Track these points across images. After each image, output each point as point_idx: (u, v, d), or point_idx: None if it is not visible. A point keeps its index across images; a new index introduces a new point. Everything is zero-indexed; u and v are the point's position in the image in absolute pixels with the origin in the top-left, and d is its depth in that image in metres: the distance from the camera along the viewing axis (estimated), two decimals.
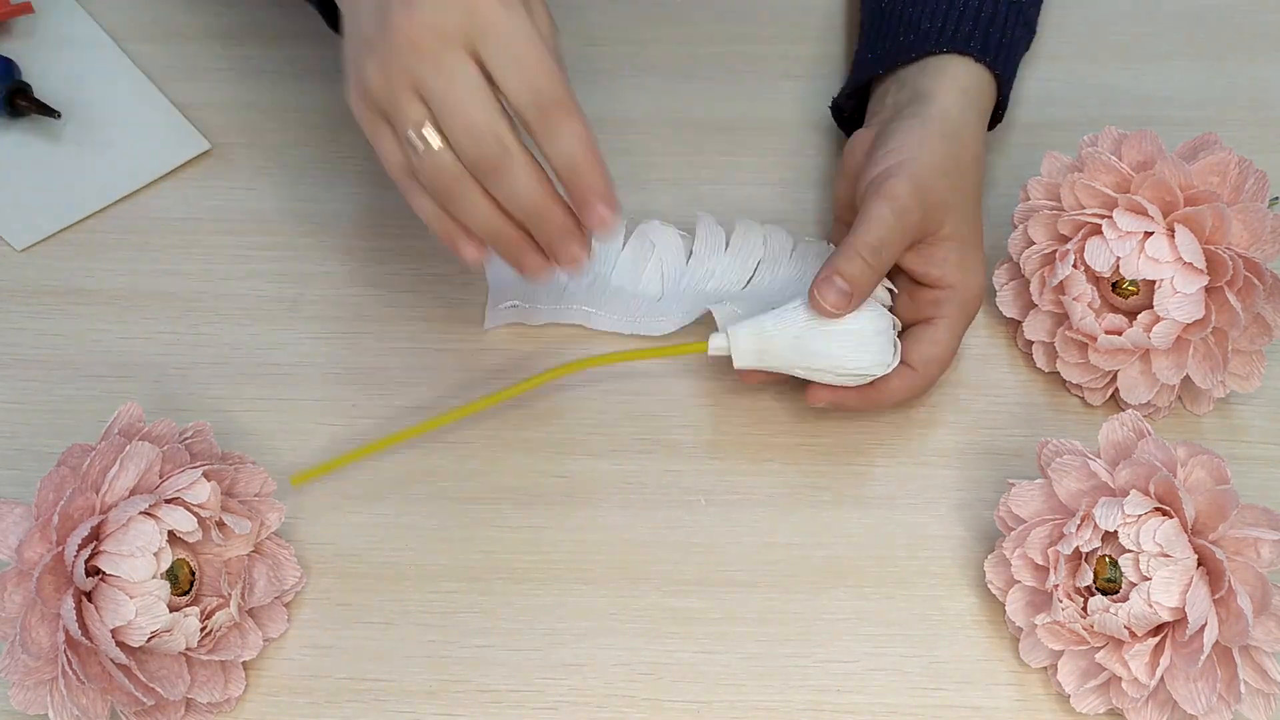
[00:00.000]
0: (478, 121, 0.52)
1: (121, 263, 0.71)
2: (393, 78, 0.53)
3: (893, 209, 0.60)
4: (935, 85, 0.66)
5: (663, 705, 0.59)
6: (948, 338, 0.63)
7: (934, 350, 0.63)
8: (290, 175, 0.74)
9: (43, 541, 0.54)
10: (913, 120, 0.64)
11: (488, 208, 0.55)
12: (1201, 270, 0.61)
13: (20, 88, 0.74)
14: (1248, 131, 0.75)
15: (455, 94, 0.52)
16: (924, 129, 0.63)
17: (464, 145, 0.53)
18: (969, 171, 0.64)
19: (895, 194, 0.61)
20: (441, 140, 0.53)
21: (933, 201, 0.62)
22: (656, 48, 0.79)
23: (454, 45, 0.52)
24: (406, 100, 0.53)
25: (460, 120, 0.52)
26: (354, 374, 0.68)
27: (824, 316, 0.60)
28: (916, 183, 0.61)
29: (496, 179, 0.53)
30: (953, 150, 0.63)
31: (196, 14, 0.80)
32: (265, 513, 0.60)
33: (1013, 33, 0.68)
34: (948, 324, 0.63)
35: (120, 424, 0.57)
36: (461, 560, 0.62)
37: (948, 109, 0.65)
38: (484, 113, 0.52)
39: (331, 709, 0.59)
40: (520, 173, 0.53)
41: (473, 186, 0.54)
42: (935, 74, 0.66)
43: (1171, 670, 0.55)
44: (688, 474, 0.65)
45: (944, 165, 0.62)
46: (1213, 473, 0.56)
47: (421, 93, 0.53)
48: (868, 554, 0.63)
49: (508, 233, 0.56)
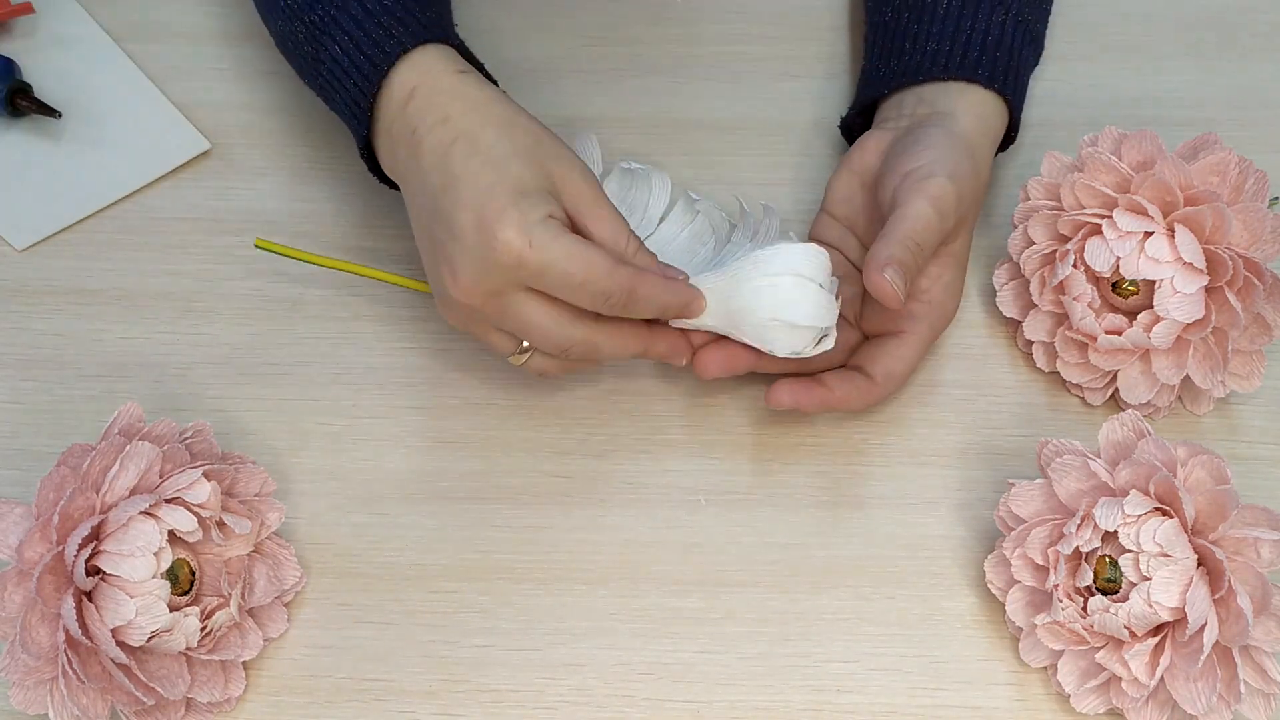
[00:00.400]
0: (561, 341, 0.58)
1: (121, 263, 0.71)
2: (472, 326, 0.60)
3: (937, 209, 0.60)
4: (956, 106, 0.65)
5: (663, 705, 0.59)
6: (914, 355, 0.63)
7: (899, 366, 0.63)
8: (290, 175, 0.74)
9: (43, 541, 0.54)
10: (940, 130, 0.63)
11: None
12: (1201, 270, 0.61)
13: (20, 88, 0.74)
14: (1248, 131, 0.75)
15: (531, 330, 0.58)
16: (953, 140, 0.63)
17: (558, 355, 0.60)
18: (980, 194, 0.64)
19: (939, 194, 0.60)
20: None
21: (958, 213, 0.61)
22: (656, 48, 0.79)
23: (510, 292, 0.57)
24: (493, 340, 0.60)
25: (546, 345, 0.59)
26: (354, 374, 0.68)
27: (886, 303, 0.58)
28: (957, 187, 0.61)
29: (596, 359, 0.60)
30: (972, 168, 0.63)
31: (196, 14, 0.80)
32: (265, 513, 0.60)
33: (1020, 53, 0.68)
34: (917, 340, 0.63)
35: (120, 424, 0.57)
36: (461, 560, 0.62)
37: (967, 131, 0.64)
38: (563, 332, 0.58)
39: (331, 709, 0.59)
40: (609, 347, 0.60)
41: (583, 364, 0.63)
42: (955, 95, 0.66)
43: (1171, 670, 0.55)
44: (688, 474, 0.65)
45: (968, 181, 0.62)
46: (1213, 473, 0.56)
47: (503, 329, 0.60)
48: (868, 554, 0.63)
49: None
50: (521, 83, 0.77)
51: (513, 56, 0.78)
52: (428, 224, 0.59)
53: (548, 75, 0.78)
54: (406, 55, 0.61)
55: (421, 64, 0.61)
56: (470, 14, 0.79)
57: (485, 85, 0.61)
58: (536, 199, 0.57)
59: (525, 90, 0.76)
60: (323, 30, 0.63)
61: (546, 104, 0.76)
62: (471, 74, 0.61)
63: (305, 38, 0.65)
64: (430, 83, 0.60)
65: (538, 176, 0.57)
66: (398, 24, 0.62)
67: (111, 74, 0.77)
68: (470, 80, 0.61)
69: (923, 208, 0.59)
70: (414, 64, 0.61)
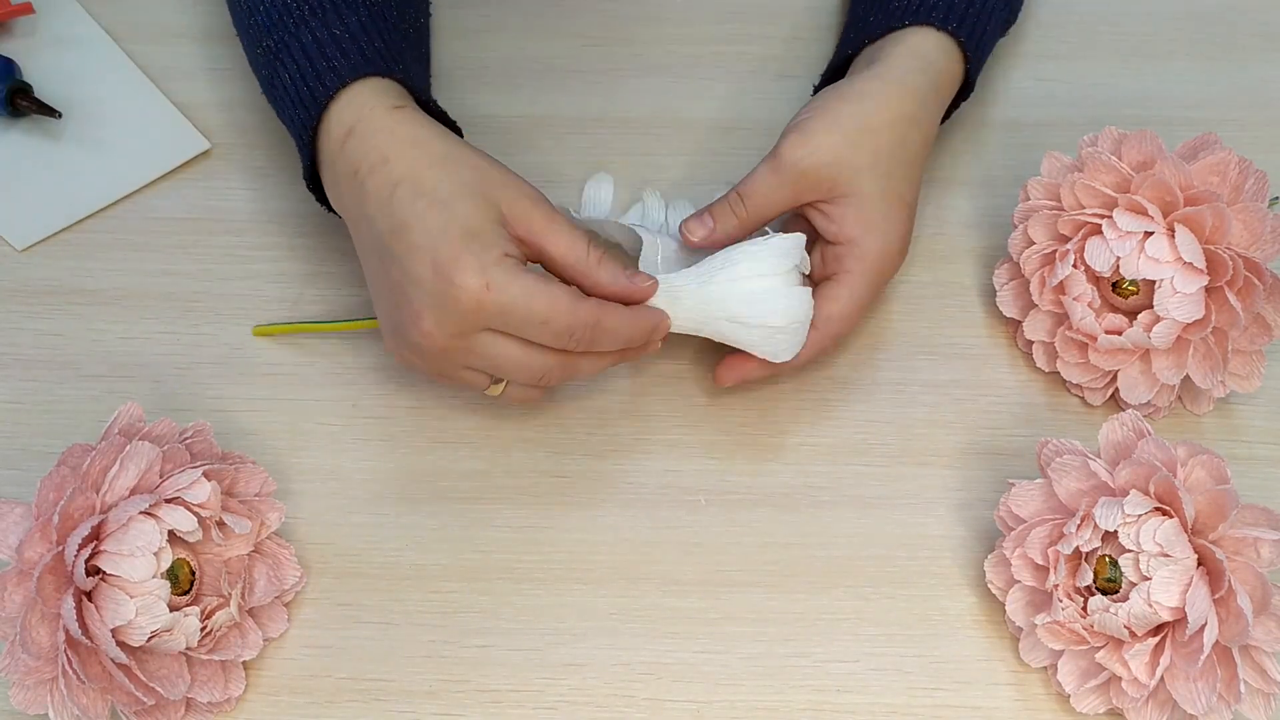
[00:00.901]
0: (537, 370, 0.59)
1: (121, 263, 0.71)
2: (441, 366, 0.59)
3: (768, 165, 0.63)
4: (888, 51, 0.66)
5: (663, 705, 0.59)
6: (847, 295, 0.63)
7: (833, 307, 0.63)
8: (290, 175, 0.74)
9: (43, 541, 0.54)
10: (839, 84, 0.65)
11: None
12: (1201, 270, 0.61)
13: (21, 88, 0.74)
14: (1248, 131, 0.75)
15: (502, 366, 0.59)
16: (839, 90, 0.64)
17: (535, 384, 0.60)
18: (882, 133, 0.63)
19: (776, 151, 0.63)
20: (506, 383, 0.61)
21: (822, 160, 0.62)
22: (656, 48, 0.79)
23: (474, 332, 0.57)
24: (465, 378, 0.60)
25: (521, 377, 0.59)
26: (354, 374, 0.68)
27: (691, 246, 0.63)
28: (809, 145, 0.62)
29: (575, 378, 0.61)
30: (864, 109, 0.63)
31: (196, 14, 0.80)
32: (265, 513, 0.60)
33: (985, 3, 0.69)
34: (850, 279, 0.63)
35: (120, 424, 0.57)
36: (461, 560, 0.62)
37: (887, 71, 0.65)
38: (532, 362, 0.58)
39: (331, 709, 0.59)
40: (587, 366, 0.60)
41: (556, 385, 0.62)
42: (893, 42, 0.67)
43: (1171, 670, 0.55)
44: (688, 474, 0.65)
45: (844, 124, 0.63)
46: (1213, 473, 0.56)
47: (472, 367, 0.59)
48: (868, 554, 0.63)
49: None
50: (522, 83, 0.77)
51: (513, 56, 0.78)
52: (380, 266, 0.59)
53: (548, 75, 0.78)
54: (345, 89, 0.61)
55: (358, 100, 0.61)
56: (470, 14, 0.79)
57: (421, 120, 0.61)
58: (489, 238, 0.56)
59: (525, 90, 0.77)
60: (276, 56, 0.64)
61: (547, 104, 0.76)
62: (407, 109, 0.61)
63: (263, 61, 0.65)
64: (366, 121, 0.60)
65: (486, 211, 0.57)
66: (341, 56, 0.62)
67: (111, 74, 0.77)
68: (405, 116, 0.60)
69: (759, 167, 0.63)
70: (351, 100, 0.61)
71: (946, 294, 0.70)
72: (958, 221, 0.72)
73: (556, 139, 0.75)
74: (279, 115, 0.65)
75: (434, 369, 0.60)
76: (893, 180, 0.64)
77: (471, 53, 0.77)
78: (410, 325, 0.57)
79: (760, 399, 0.67)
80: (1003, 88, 0.78)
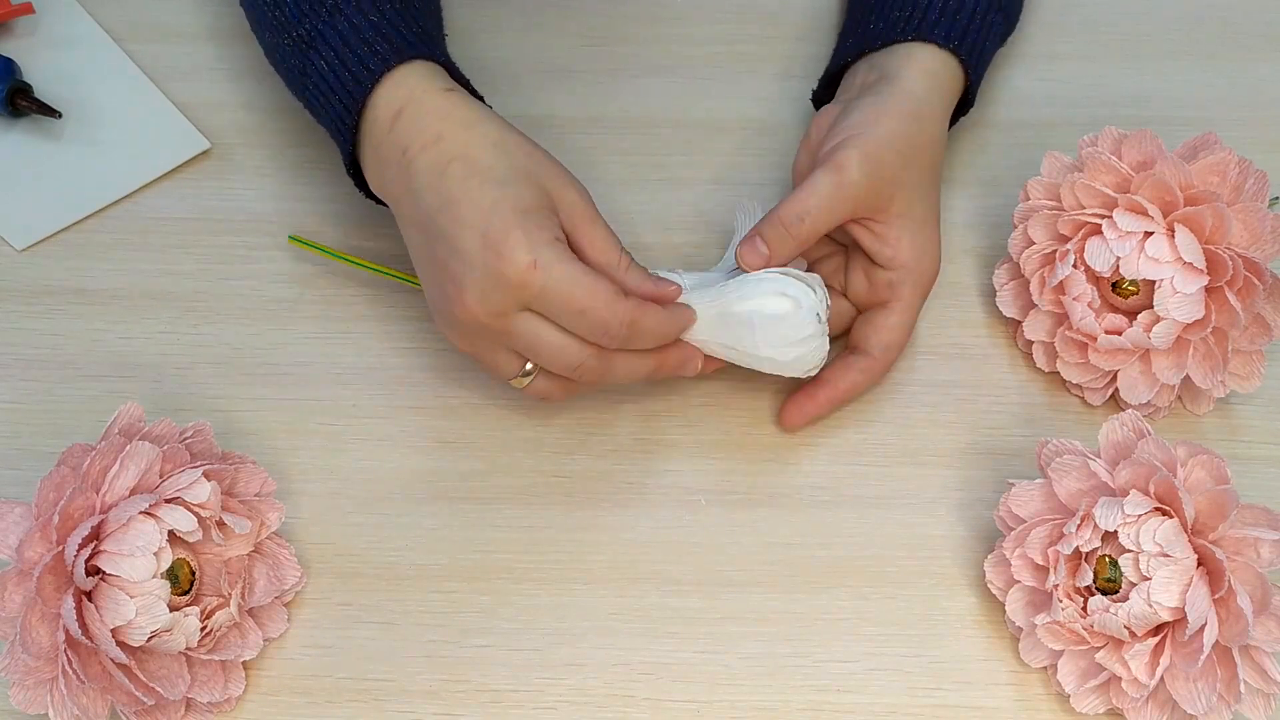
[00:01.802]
0: (572, 360, 0.58)
1: (121, 263, 0.71)
2: (477, 345, 0.60)
3: (833, 179, 0.61)
4: (902, 67, 0.66)
5: (663, 705, 0.59)
6: (903, 321, 0.64)
7: (891, 336, 0.64)
8: (290, 175, 0.74)
9: (43, 541, 0.54)
10: (875, 97, 0.64)
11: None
12: (1201, 270, 0.61)
13: (21, 88, 0.74)
14: (1248, 131, 0.75)
15: (540, 349, 0.58)
16: (883, 106, 0.64)
17: (567, 375, 0.59)
18: (925, 152, 0.64)
19: (841, 164, 0.61)
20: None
21: (884, 176, 0.62)
22: (656, 48, 0.79)
23: (513, 313, 0.57)
24: (499, 360, 0.60)
25: (555, 364, 0.59)
26: (354, 374, 0.68)
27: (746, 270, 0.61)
28: (865, 155, 0.61)
29: (605, 381, 0.60)
30: (911, 129, 0.63)
31: (196, 14, 0.80)
32: (265, 513, 0.60)
33: (984, 18, 0.69)
34: (903, 307, 0.64)
35: (120, 424, 0.57)
36: (461, 560, 0.62)
37: (912, 89, 0.65)
38: (567, 350, 0.58)
39: (331, 709, 0.59)
40: (621, 367, 0.60)
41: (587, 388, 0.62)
42: (903, 57, 0.66)
43: (1171, 670, 0.55)
44: (688, 474, 0.65)
45: (898, 143, 0.63)
46: (1213, 473, 0.56)
47: (510, 348, 0.59)
48: (868, 554, 0.63)
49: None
50: (522, 83, 0.77)
51: (513, 56, 0.78)
52: (426, 243, 0.59)
53: (548, 75, 0.78)
54: (390, 73, 0.61)
55: (407, 82, 0.61)
56: (470, 14, 0.79)
57: (474, 104, 0.61)
58: (542, 218, 0.57)
59: (526, 90, 0.77)
60: (309, 45, 0.63)
61: (547, 104, 0.76)
62: (459, 92, 0.61)
63: (292, 51, 0.65)
64: (418, 102, 0.60)
65: (539, 195, 0.58)
66: (383, 41, 0.62)
67: (111, 74, 0.77)
68: (458, 99, 0.61)
69: (818, 178, 0.61)
70: (399, 82, 0.61)
71: (946, 294, 0.70)
72: (958, 221, 0.72)
73: (556, 139, 0.74)
74: (310, 104, 0.65)
75: (471, 347, 0.60)
76: (932, 202, 0.65)
77: (471, 53, 0.77)
78: (454, 300, 0.57)
79: (760, 399, 0.67)
80: (1003, 88, 0.78)
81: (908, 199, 0.63)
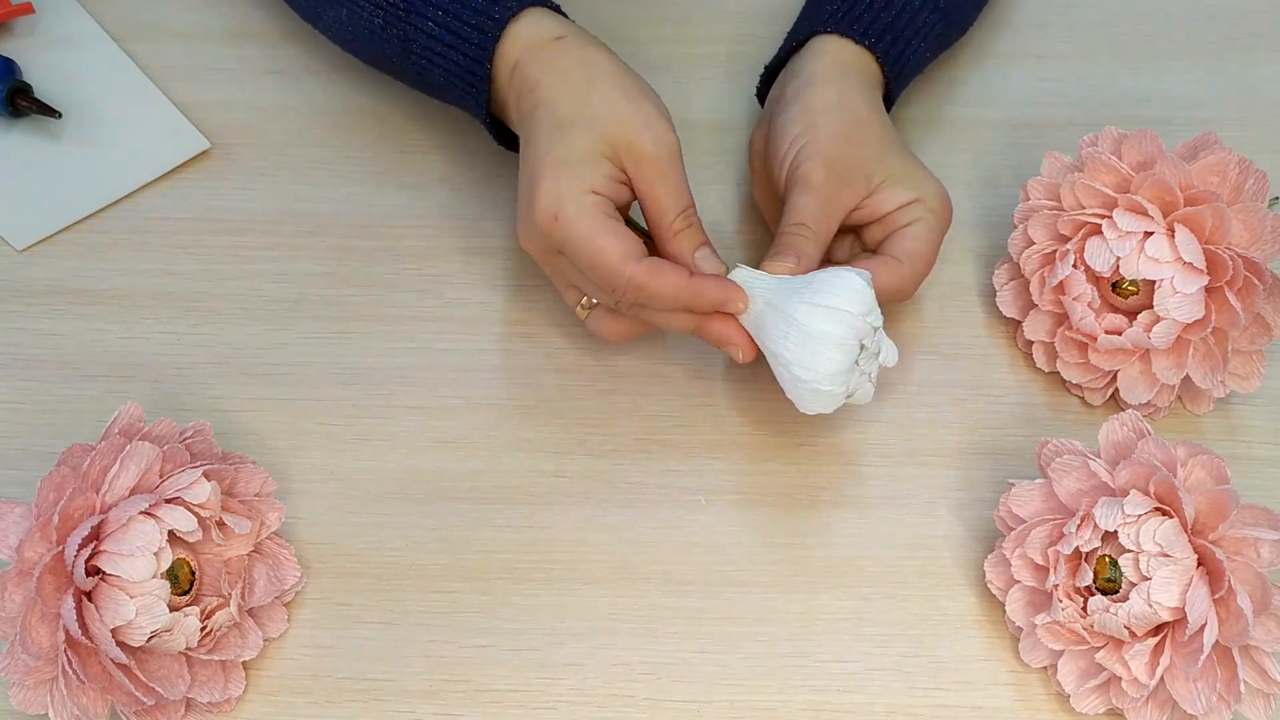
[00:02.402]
0: (605, 293, 0.60)
1: (121, 263, 0.71)
2: (545, 270, 0.63)
3: (812, 195, 0.62)
4: (813, 65, 0.67)
5: (663, 705, 0.59)
6: (926, 233, 0.64)
7: (915, 245, 0.63)
8: (290, 175, 0.74)
9: (43, 541, 0.54)
10: (795, 106, 0.65)
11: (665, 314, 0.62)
12: (1201, 270, 0.61)
13: (21, 88, 0.74)
14: (1248, 131, 0.75)
15: (576, 283, 0.62)
16: (809, 110, 0.64)
17: (611, 303, 0.61)
18: (869, 121, 0.65)
19: (809, 180, 0.63)
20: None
21: (851, 166, 0.63)
22: (656, 48, 0.79)
23: (552, 252, 0.61)
24: (562, 288, 0.63)
25: (592, 295, 0.62)
26: (354, 374, 0.68)
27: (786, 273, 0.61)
28: (825, 161, 0.63)
29: (648, 308, 0.60)
30: (843, 116, 0.64)
31: (196, 14, 0.80)
32: (265, 513, 0.60)
33: (915, 17, 0.69)
34: (924, 224, 0.64)
35: (120, 424, 0.57)
36: (461, 560, 0.62)
37: (826, 84, 0.65)
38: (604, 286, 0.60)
39: (331, 709, 0.59)
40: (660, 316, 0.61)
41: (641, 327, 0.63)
42: (814, 54, 0.67)
43: (1171, 670, 0.55)
44: (688, 474, 0.65)
45: (842, 132, 0.64)
46: (1213, 473, 0.56)
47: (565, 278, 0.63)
48: (868, 554, 0.63)
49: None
50: None
51: None
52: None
53: None
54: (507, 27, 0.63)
55: (522, 36, 0.64)
56: None
57: (574, 51, 0.62)
58: (579, 169, 0.59)
59: None
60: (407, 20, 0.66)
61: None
62: (567, 39, 0.63)
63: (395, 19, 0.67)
64: (529, 55, 0.63)
65: (592, 144, 0.59)
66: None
67: (111, 74, 0.77)
68: (562, 48, 0.62)
69: (799, 199, 0.62)
70: (516, 36, 0.64)
71: (946, 294, 0.70)
72: (958, 221, 0.72)
73: None
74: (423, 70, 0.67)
75: (545, 270, 0.63)
76: (903, 151, 0.65)
77: None
78: (517, 226, 0.62)
79: (760, 399, 0.67)
80: (1003, 88, 0.78)
81: (879, 165, 0.64)
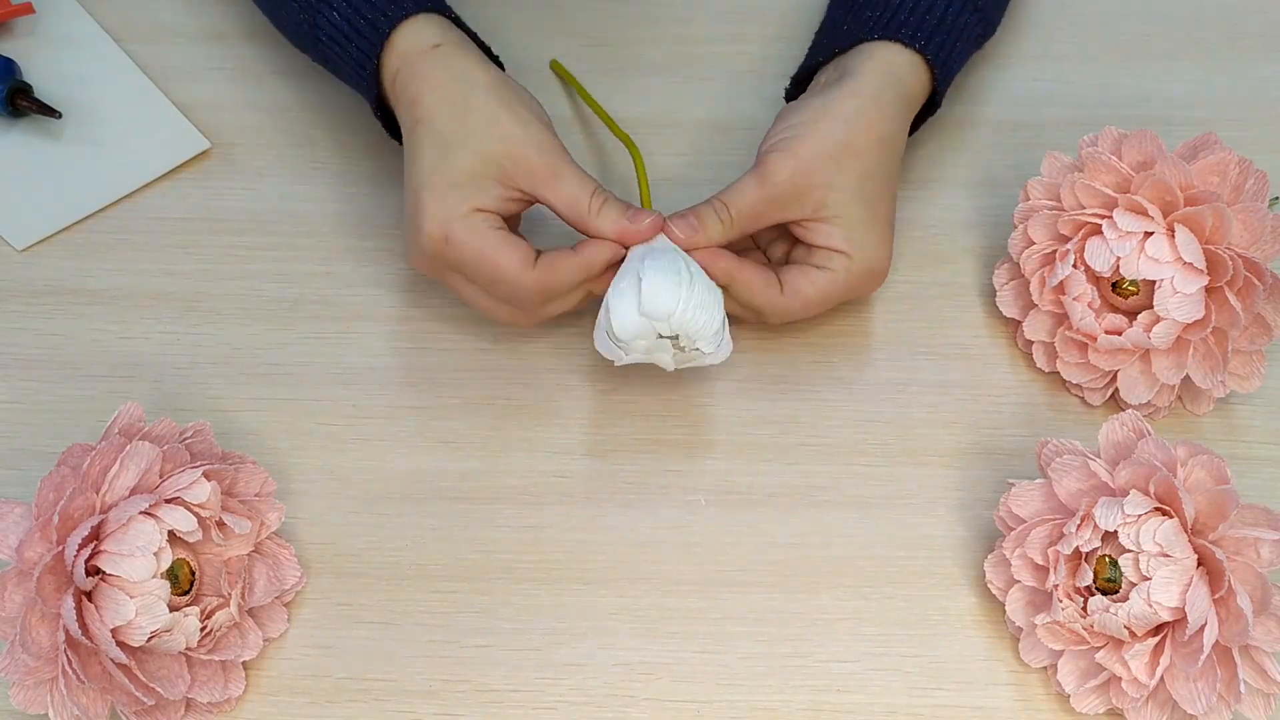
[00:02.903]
0: (497, 315, 0.63)
1: (121, 263, 0.71)
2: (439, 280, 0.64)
3: (761, 184, 0.62)
4: (861, 65, 0.66)
5: (663, 705, 0.59)
6: (827, 287, 0.63)
7: (808, 289, 0.63)
8: (290, 175, 0.74)
9: (43, 541, 0.54)
10: (822, 98, 0.65)
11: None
12: (1201, 270, 0.61)
13: (21, 88, 0.74)
14: (1248, 131, 0.75)
15: (468, 302, 0.63)
16: (827, 106, 0.64)
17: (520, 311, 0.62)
18: (865, 155, 0.63)
19: (767, 170, 0.62)
20: None
21: (812, 181, 0.62)
22: (656, 48, 0.79)
23: (445, 271, 0.62)
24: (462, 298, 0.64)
25: (485, 316, 0.64)
26: (354, 374, 0.68)
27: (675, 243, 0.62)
28: (796, 163, 0.62)
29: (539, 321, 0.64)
30: (846, 132, 0.63)
31: (196, 14, 0.80)
32: (265, 513, 0.60)
33: (957, 19, 0.69)
34: (829, 276, 0.63)
35: (120, 424, 0.57)
36: (461, 560, 0.62)
37: (861, 87, 0.65)
38: (496, 310, 0.63)
39: (331, 709, 0.59)
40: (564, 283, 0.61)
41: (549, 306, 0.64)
42: (865, 56, 0.66)
43: (1171, 670, 0.55)
44: (688, 474, 0.65)
45: (831, 147, 0.63)
46: (1213, 473, 0.56)
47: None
48: (868, 554, 0.63)
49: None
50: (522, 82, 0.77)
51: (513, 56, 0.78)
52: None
53: (548, 75, 0.78)
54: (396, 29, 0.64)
55: (401, 43, 0.64)
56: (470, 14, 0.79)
57: (451, 62, 0.63)
58: (467, 191, 0.60)
59: None
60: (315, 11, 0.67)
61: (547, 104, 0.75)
62: (444, 47, 0.63)
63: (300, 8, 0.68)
64: (409, 63, 0.63)
65: (478, 163, 0.60)
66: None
67: (111, 74, 0.77)
68: (439, 58, 0.63)
69: (747, 182, 0.63)
70: (392, 47, 0.64)
71: (946, 294, 0.70)
72: (958, 221, 0.73)
73: None
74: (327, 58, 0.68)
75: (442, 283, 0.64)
76: (876, 203, 0.64)
77: None
78: (406, 248, 0.63)
79: (760, 399, 0.67)
80: (1003, 88, 0.78)
81: (840, 200, 0.63)
